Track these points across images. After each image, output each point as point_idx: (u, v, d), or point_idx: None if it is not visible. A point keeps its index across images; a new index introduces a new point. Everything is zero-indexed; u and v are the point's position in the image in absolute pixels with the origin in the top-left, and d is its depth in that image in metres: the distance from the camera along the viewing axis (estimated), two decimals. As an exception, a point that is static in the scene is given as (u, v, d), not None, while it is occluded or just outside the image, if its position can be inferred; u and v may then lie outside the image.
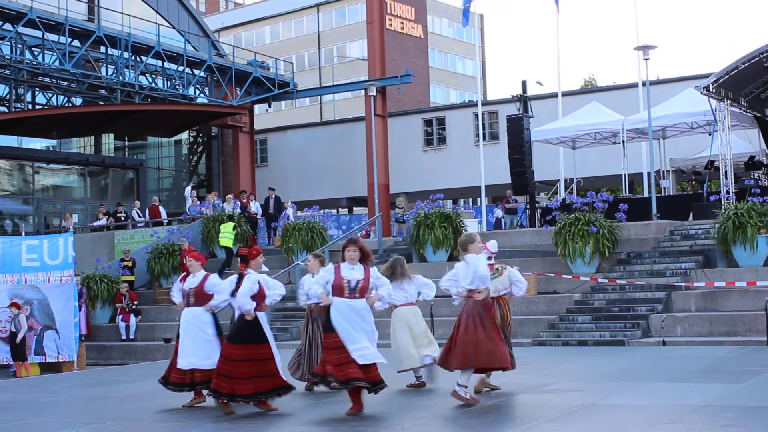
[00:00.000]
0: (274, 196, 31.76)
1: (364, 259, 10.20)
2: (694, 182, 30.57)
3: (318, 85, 64.39)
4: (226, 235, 27.30)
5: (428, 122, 46.12)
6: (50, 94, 38.73)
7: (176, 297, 11.76)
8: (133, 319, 25.03)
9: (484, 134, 39.23)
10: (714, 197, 22.99)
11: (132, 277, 26.61)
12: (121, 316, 25.13)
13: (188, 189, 34.39)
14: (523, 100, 30.14)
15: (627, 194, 31.49)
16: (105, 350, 24.56)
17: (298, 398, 11.48)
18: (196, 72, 41.89)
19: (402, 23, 56.50)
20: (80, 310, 23.38)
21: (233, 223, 27.78)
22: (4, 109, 36.34)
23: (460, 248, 10.72)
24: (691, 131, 30.36)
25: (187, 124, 42.88)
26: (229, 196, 31.92)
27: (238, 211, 29.67)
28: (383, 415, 10.10)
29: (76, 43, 36.88)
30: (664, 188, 31.09)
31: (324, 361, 10.07)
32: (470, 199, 54.82)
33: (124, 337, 24.79)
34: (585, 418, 9.49)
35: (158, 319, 25.72)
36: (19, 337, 20.91)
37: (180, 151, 46.35)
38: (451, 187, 43.17)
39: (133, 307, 25.36)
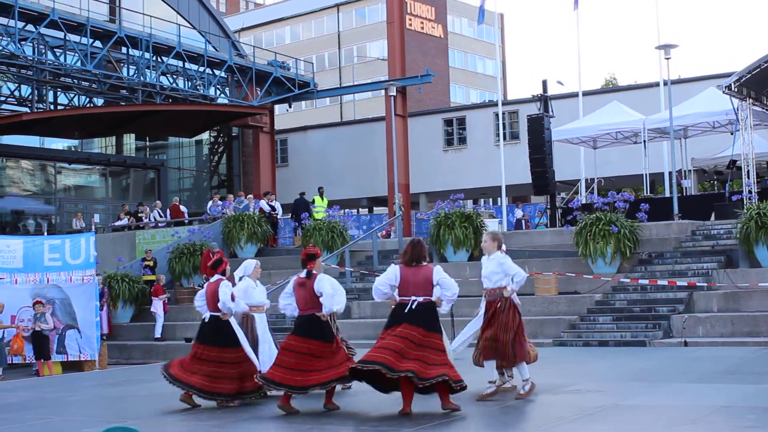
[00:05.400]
0: (296, 199, 32.00)
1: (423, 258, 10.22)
2: (716, 182, 30.40)
3: (338, 85, 64.47)
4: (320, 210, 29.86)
5: (448, 122, 46.08)
6: (72, 95, 38.95)
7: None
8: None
9: (504, 134, 39.17)
10: (736, 197, 22.85)
11: (153, 277, 26.71)
12: (156, 309, 25.19)
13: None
14: (544, 99, 30.07)
15: (648, 194, 31.35)
16: (126, 349, 24.68)
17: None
18: (217, 72, 42.03)
19: (422, 23, 56.42)
20: (102, 309, 23.50)
21: (327, 200, 31.20)
22: (27, 109, 36.55)
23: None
24: (713, 131, 30.21)
25: (207, 124, 43.02)
26: (250, 196, 32.02)
27: (258, 210, 29.82)
28: (397, 416, 10.10)
29: (97, 43, 37.09)
30: (686, 188, 30.94)
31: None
32: (491, 199, 54.73)
33: (158, 336, 24.82)
34: (607, 419, 9.47)
35: (179, 318, 25.79)
36: (44, 326, 21.06)
37: (201, 151, 46.52)
38: (472, 187, 43.13)
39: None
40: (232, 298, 11.62)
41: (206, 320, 11.76)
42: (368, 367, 9.84)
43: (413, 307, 9.97)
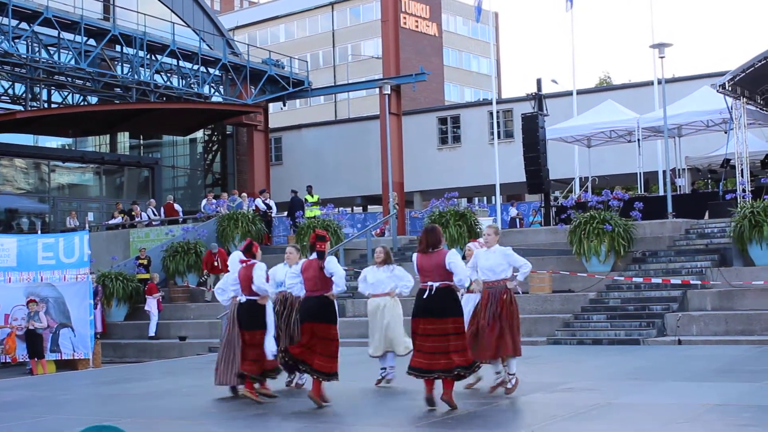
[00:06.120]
0: (292, 197, 32.04)
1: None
2: (710, 181, 30.43)
3: (333, 84, 64.44)
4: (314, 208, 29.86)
5: (443, 120, 46.08)
6: (66, 93, 38.87)
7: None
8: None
9: (498, 132, 39.13)
10: (730, 196, 22.88)
11: (147, 275, 26.68)
12: (150, 308, 25.11)
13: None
14: (538, 98, 30.08)
15: (642, 193, 31.38)
16: (120, 348, 24.66)
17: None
18: (211, 70, 41.98)
19: (416, 21, 56.43)
20: (96, 308, 23.46)
21: (318, 195, 31.17)
22: (21, 107, 36.48)
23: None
24: (707, 129, 30.24)
25: (202, 122, 42.96)
26: (243, 194, 32.00)
27: (253, 208, 29.84)
28: (395, 414, 10.11)
29: (91, 41, 37.02)
30: (680, 187, 30.98)
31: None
32: (485, 198, 54.78)
33: (152, 335, 24.78)
34: (600, 417, 9.47)
35: (173, 317, 25.80)
36: (38, 325, 20.97)
37: (195, 149, 46.47)
38: (466, 185, 43.10)
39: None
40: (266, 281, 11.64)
41: (242, 302, 11.65)
42: (416, 375, 10.16)
43: (431, 293, 10.14)
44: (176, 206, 33.00)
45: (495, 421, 9.69)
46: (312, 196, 31.32)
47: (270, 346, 11.43)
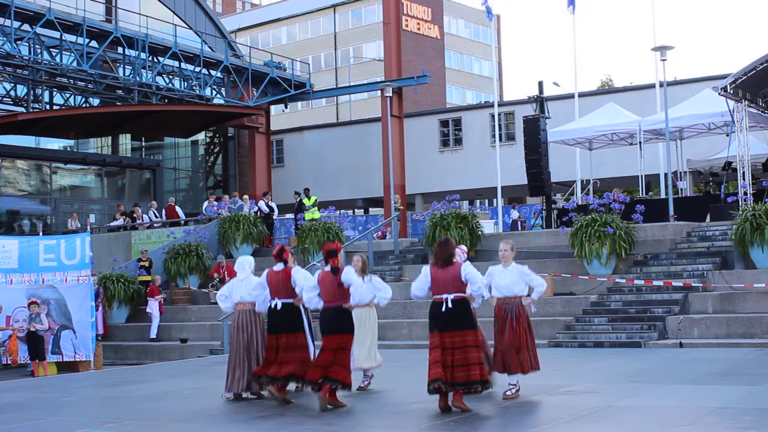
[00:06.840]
0: (298, 200, 32.10)
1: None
2: (711, 183, 30.41)
3: (334, 86, 64.49)
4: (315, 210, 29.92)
5: (444, 123, 46.09)
6: (68, 95, 38.91)
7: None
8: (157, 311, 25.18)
9: (500, 135, 39.15)
10: (731, 198, 22.87)
11: (149, 278, 26.68)
12: (152, 310, 25.12)
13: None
14: (540, 100, 30.04)
15: (644, 195, 31.38)
16: (122, 350, 24.66)
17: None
18: (213, 72, 42.00)
19: (418, 24, 56.53)
20: (97, 310, 23.45)
21: (315, 197, 30.95)
22: (22, 109, 36.52)
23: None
24: (709, 132, 30.23)
25: (203, 124, 43.00)
26: (245, 196, 32.00)
27: (256, 210, 29.86)
28: (396, 416, 10.11)
29: (93, 43, 37.07)
30: (682, 189, 30.96)
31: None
32: (486, 200, 54.78)
33: (153, 337, 24.78)
34: (601, 420, 9.47)
35: (175, 319, 25.79)
36: (39, 327, 20.97)
37: (196, 151, 46.49)
38: (468, 188, 43.13)
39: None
40: None
41: (277, 307, 11.45)
42: (435, 386, 10.09)
43: (448, 305, 10.18)
44: (177, 208, 33.02)
45: (497, 423, 9.70)
46: (309, 199, 31.32)
47: (312, 347, 11.55)
